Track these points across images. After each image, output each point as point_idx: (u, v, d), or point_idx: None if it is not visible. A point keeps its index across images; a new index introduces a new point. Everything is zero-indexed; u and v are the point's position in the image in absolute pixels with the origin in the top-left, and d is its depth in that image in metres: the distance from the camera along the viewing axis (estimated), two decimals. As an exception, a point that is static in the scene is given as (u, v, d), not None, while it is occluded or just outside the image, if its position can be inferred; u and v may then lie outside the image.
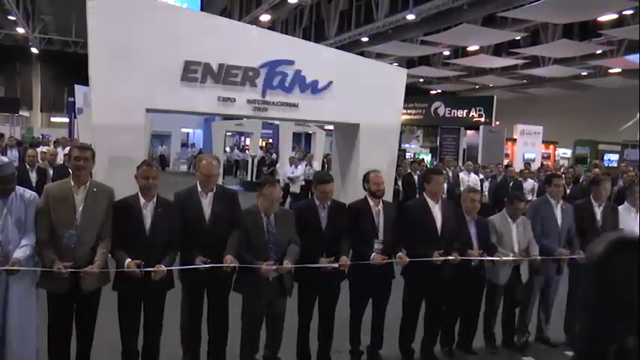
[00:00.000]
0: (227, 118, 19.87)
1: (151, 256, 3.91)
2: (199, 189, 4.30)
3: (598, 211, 5.55)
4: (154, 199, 4.06)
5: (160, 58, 7.92)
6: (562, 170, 15.04)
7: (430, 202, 4.88)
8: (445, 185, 7.43)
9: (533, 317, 5.60)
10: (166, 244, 4.05)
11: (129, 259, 3.85)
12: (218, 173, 4.48)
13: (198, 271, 4.07)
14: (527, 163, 16.18)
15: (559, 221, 5.43)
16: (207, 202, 4.27)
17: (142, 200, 4.02)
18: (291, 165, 14.26)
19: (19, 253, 3.66)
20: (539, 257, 5.14)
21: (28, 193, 3.91)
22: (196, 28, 8.26)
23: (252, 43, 8.60)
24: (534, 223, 5.37)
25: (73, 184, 3.92)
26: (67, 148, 10.09)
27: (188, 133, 33.03)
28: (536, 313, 5.65)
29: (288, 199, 13.87)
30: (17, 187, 3.86)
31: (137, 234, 3.97)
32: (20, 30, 27.58)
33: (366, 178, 4.84)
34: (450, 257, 4.66)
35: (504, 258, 4.95)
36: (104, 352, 4.25)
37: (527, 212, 5.54)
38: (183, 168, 28.43)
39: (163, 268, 3.90)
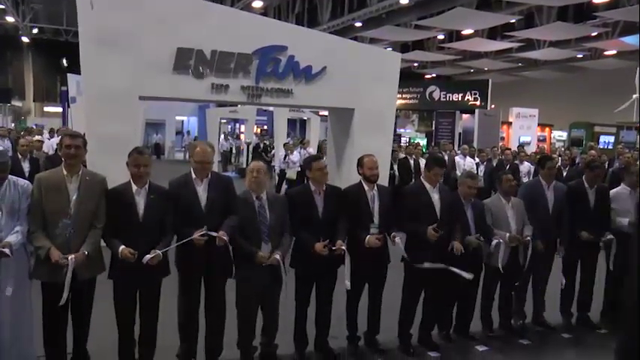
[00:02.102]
0: (221, 105, 19.77)
1: (145, 242, 3.89)
2: (194, 176, 4.27)
3: (590, 192, 5.63)
4: (146, 186, 4.03)
5: (152, 46, 7.86)
6: (557, 153, 15.08)
7: (428, 186, 4.87)
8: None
9: (529, 300, 5.62)
10: (160, 230, 4.03)
11: (122, 247, 3.83)
12: (213, 160, 4.45)
13: (195, 258, 4.07)
14: (521, 146, 16.18)
15: (550, 202, 5.48)
16: (202, 189, 4.24)
17: (134, 187, 3.99)
18: (286, 152, 14.23)
19: (12, 238, 3.66)
20: (529, 239, 5.15)
21: (22, 181, 3.89)
22: (189, 15, 8.19)
23: (245, 29, 8.52)
24: (526, 204, 5.38)
25: (65, 173, 3.88)
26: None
27: (183, 121, 32.93)
28: (531, 296, 5.66)
29: (284, 186, 13.85)
30: (10, 175, 3.83)
31: (130, 221, 3.94)
32: (10, 19, 27.23)
33: (360, 163, 4.81)
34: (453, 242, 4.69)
35: (502, 240, 4.97)
36: (101, 341, 4.23)
37: (519, 193, 5.59)
38: (179, 156, 28.37)
39: (159, 252, 3.88)
